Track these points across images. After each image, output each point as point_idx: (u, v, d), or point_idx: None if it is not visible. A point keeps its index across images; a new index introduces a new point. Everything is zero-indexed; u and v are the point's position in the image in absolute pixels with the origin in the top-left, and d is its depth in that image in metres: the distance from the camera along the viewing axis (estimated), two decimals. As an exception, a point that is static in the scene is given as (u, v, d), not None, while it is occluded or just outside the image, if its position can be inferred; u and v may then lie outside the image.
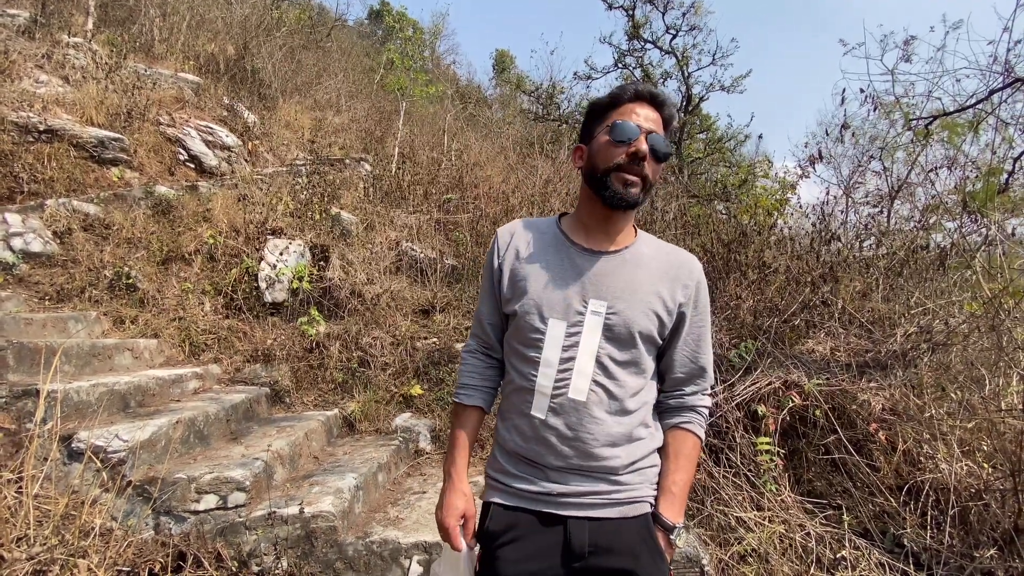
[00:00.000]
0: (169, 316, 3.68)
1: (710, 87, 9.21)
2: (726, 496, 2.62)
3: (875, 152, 6.37)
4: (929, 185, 4.42)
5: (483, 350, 1.21)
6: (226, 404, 2.82)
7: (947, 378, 2.92)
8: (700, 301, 1.11)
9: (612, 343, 1.03)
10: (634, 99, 1.05)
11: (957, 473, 2.47)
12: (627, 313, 1.03)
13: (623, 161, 1.01)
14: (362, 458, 2.74)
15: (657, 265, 1.08)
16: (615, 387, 1.03)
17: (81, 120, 4.68)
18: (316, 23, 10.90)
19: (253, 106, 7.34)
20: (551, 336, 1.03)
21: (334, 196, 5.36)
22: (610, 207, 1.04)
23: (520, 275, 1.09)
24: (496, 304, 1.15)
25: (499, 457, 1.12)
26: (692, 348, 1.11)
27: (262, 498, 2.20)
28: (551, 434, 1.02)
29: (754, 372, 3.06)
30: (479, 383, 1.18)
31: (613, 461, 1.03)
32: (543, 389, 1.03)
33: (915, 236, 4.07)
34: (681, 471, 1.10)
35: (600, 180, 1.03)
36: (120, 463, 2.09)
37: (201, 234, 4.25)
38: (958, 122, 4.14)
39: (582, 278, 1.05)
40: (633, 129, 1.00)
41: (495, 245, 1.15)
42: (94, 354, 2.86)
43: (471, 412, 1.17)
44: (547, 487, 1.03)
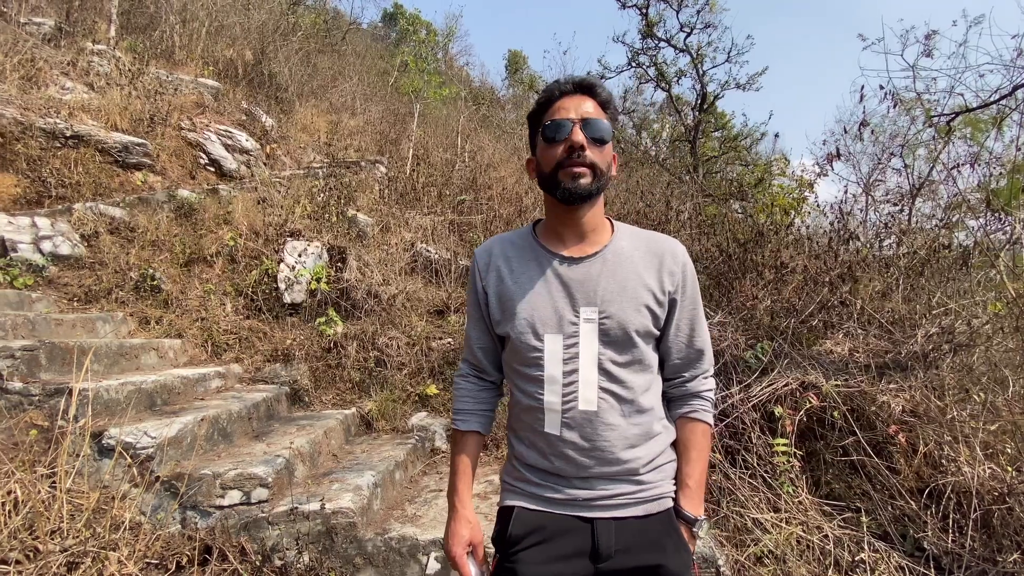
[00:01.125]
0: (192, 317, 3.77)
1: (725, 85, 9.14)
2: (742, 497, 2.61)
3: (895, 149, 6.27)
4: (951, 183, 4.34)
5: (475, 373, 1.20)
6: (248, 403, 2.88)
7: (970, 380, 2.87)
8: (688, 284, 1.10)
9: (611, 347, 1.02)
10: (562, 95, 1.04)
11: (980, 476, 2.43)
12: (620, 314, 1.02)
13: (563, 157, 1.00)
14: (380, 456, 2.79)
15: (640, 257, 1.08)
16: (623, 390, 1.03)
17: (106, 126, 4.81)
18: (331, 27, 11.04)
19: (270, 110, 7.47)
20: (550, 352, 1.03)
21: (350, 198, 5.44)
22: (567, 203, 1.03)
23: (507, 296, 1.08)
24: (485, 328, 1.15)
25: (518, 468, 1.11)
26: (687, 332, 1.10)
27: (284, 494, 2.25)
28: (569, 448, 1.02)
29: (771, 373, 3.04)
30: (474, 407, 1.17)
31: (634, 462, 1.03)
32: (553, 406, 1.03)
33: (937, 235, 4.01)
34: (695, 463, 1.10)
35: (551, 182, 1.03)
36: (148, 459, 2.16)
37: (222, 236, 4.34)
38: (981, 118, 4.06)
39: (569, 288, 1.04)
40: (564, 124, 1.00)
41: (475, 268, 1.14)
42: (122, 354, 2.95)
43: (469, 437, 1.16)
44: (572, 494, 1.03)
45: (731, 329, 3.38)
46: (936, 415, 2.70)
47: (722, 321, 3.44)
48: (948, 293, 3.48)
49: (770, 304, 3.71)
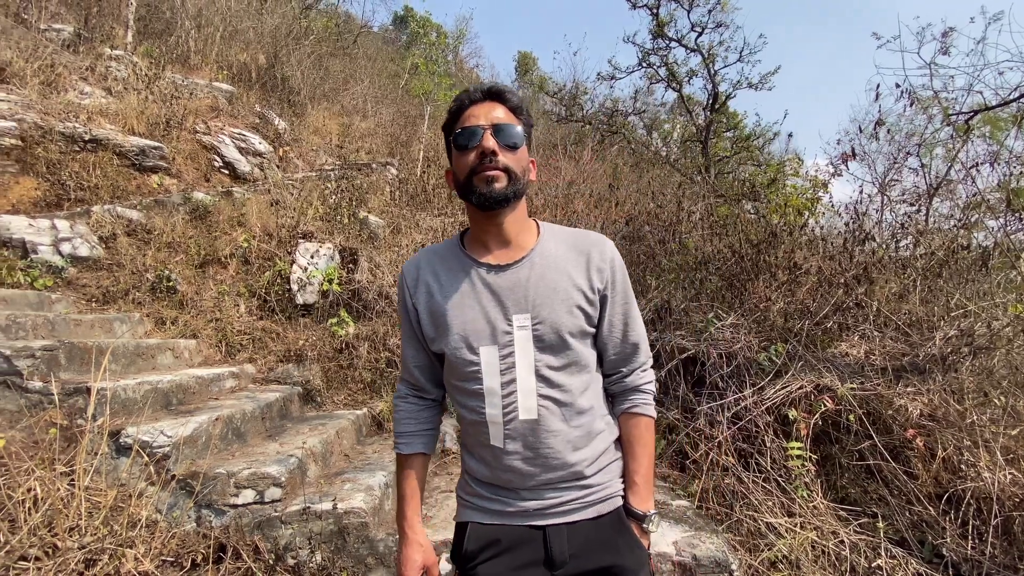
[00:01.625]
0: (207, 317, 3.81)
1: (737, 84, 9.06)
2: (755, 501, 2.58)
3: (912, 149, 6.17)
4: (970, 182, 4.26)
5: (414, 393, 1.19)
6: (261, 403, 2.91)
7: (990, 383, 2.82)
8: (618, 280, 1.09)
9: (547, 352, 1.02)
10: (471, 103, 1.04)
11: (1000, 482, 2.38)
12: (552, 318, 1.01)
13: (476, 163, 1.00)
14: (391, 457, 2.80)
15: (567, 257, 1.07)
16: (562, 394, 1.02)
17: (123, 129, 4.89)
18: (343, 30, 11.14)
19: (283, 113, 7.55)
20: (487, 364, 1.02)
21: (361, 200, 5.48)
22: (484, 209, 1.02)
23: (438, 311, 1.06)
24: (419, 345, 1.13)
25: (470, 482, 1.11)
26: (621, 327, 1.10)
27: (296, 494, 2.27)
28: (514, 459, 1.02)
29: (784, 375, 3.01)
30: (415, 428, 1.16)
31: (579, 465, 1.03)
32: (494, 419, 1.02)
33: (956, 235, 3.94)
34: (641, 459, 1.10)
35: (467, 189, 1.03)
36: (164, 458, 2.19)
37: (236, 238, 4.39)
38: (1000, 117, 3.99)
39: (499, 296, 1.03)
40: (473, 131, 1.00)
41: (403, 284, 1.12)
42: (138, 354, 2.99)
43: (413, 460, 1.14)
44: (523, 506, 1.04)
45: (744, 331, 3.35)
46: (955, 419, 2.65)
47: (735, 323, 3.41)
48: (967, 295, 3.42)
49: (784, 306, 3.67)
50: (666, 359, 3.38)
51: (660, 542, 2.14)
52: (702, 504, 2.67)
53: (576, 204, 5.44)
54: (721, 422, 2.90)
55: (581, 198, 5.53)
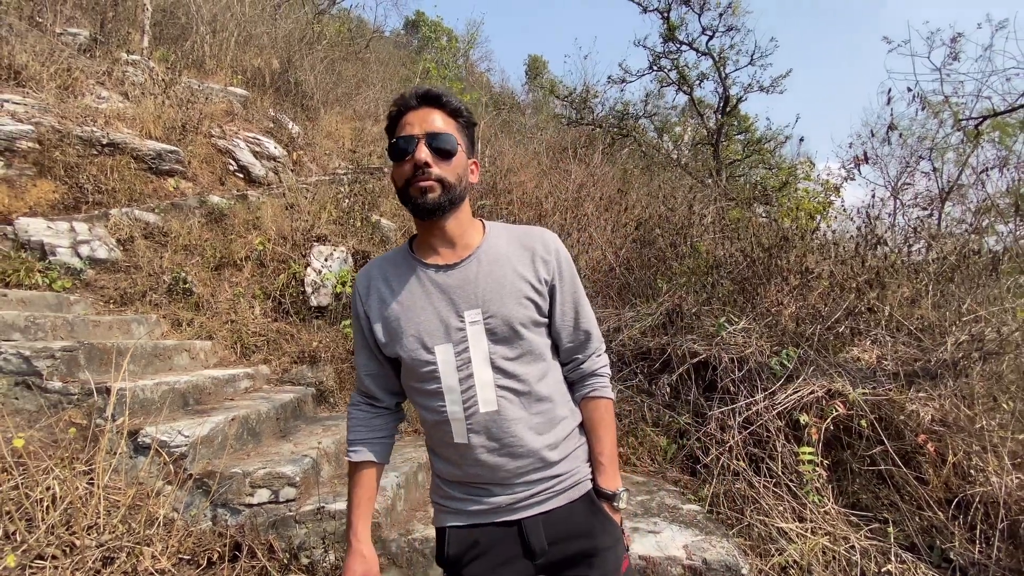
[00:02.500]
0: (222, 319, 3.88)
1: (748, 88, 9.03)
2: (766, 506, 2.58)
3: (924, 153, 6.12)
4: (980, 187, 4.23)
5: (366, 401, 1.19)
6: (276, 403, 2.96)
7: (999, 388, 2.80)
8: (564, 270, 1.11)
9: (500, 344, 1.04)
10: (405, 110, 1.05)
11: (1008, 486, 2.37)
12: (503, 311, 1.03)
13: (410, 174, 1.01)
14: (402, 457, 2.83)
15: (513, 252, 1.09)
16: (518, 383, 1.04)
17: (140, 134, 4.99)
18: (355, 35, 11.25)
19: (297, 117, 7.64)
20: (443, 362, 1.03)
21: (374, 204, 5.53)
22: (421, 217, 1.05)
23: (391, 316, 1.08)
24: (371, 354, 1.14)
25: (442, 485, 1.12)
26: (572, 316, 1.13)
27: (311, 494, 2.30)
28: (480, 452, 1.03)
29: (796, 380, 3.00)
30: (366, 436, 1.15)
31: (544, 451, 1.05)
32: (456, 415, 1.03)
33: (967, 240, 3.91)
34: (604, 440, 1.14)
35: (403, 196, 1.05)
36: (182, 457, 2.24)
37: (251, 241, 4.46)
38: (1009, 122, 3.96)
39: (449, 294, 1.05)
40: (408, 141, 1.01)
41: (356, 293, 1.14)
42: (156, 354, 3.05)
43: (363, 468, 1.13)
44: (494, 502, 1.05)
45: (755, 336, 3.35)
46: (966, 424, 2.63)
47: (746, 327, 3.41)
48: (978, 300, 3.39)
49: (795, 310, 3.66)
50: (677, 363, 3.39)
51: (670, 546, 2.15)
52: (713, 508, 2.68)
53: (586, 207, 5.45)
54: (732, 427, 2.90)
55: (591, 201, 5.55)
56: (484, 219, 1.15)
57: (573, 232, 5.11)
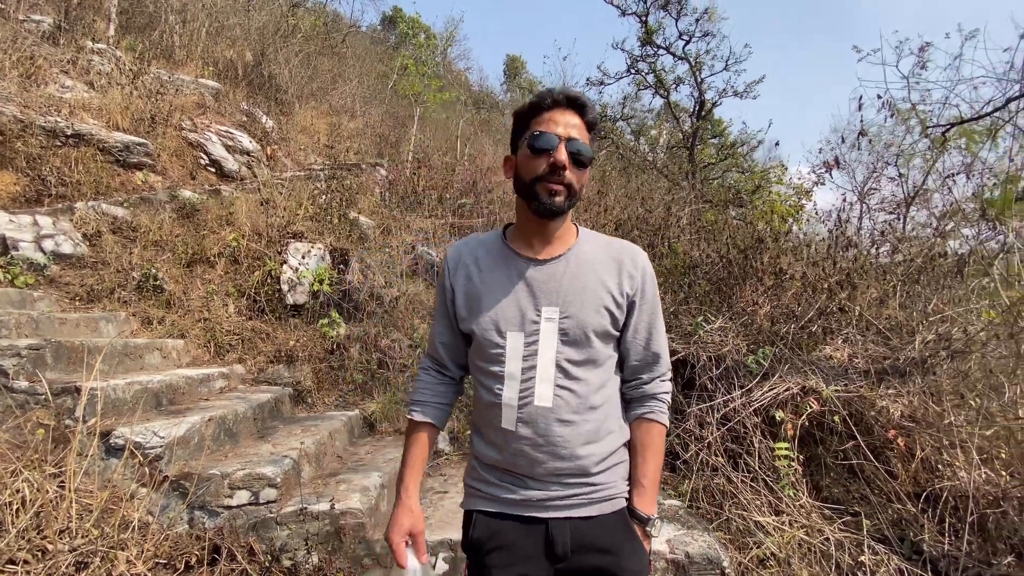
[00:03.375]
0: (195, 317, 3.76)
1: (723, 93, 9.23)
2: (744, 500, 2.64)
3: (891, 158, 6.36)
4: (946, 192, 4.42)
5: (436, 367, 1.23)
6: (253, 403, 2.89)
7: (965, 386, 2.92)
8: (647, 289, 1.13)
9: (569, 346, 1.05)
10: (553, 105, 1.05)
11: (975, 481, 2.47)
12: (579, 315, 1.05)
13: (544, 172, 1.02)
14: (384, 458, 2.79)
15: (601, 261, 1.11)
16: (579, 387, 1.06)
17: (107, 125, 4.80)
18: (331, 29, 11.05)
19: (271, 111, 7.47)
20: (511, 348, 1.06)
21: (351, 201, 5.45)
22: (540, 216, 1.06)
23: (474, 294, 1.11)
24: (450, 324, 1.17)
25: (478, 468, 1.14)
26: (645, 335, 1.13)
27: (292, 495, 2.25)
28: (524, 444, 1.05)
29: (771, 378, 3.08)
30: (430, 399, 1.20)
31: (587, 459, 1.05)
32: (510, 402, 1.05)
33: (933, 243, 4.07)
34: (650, 463, 1.13)
35: (528, 191, 1.06)
36: (157, 459, 2.16)
37: (224, 237, 4.34)
38: (975, 129, 4.15)
39: (532, 288, 1.08)
40: (551, 139, 1.02)
41: (445, 266, 1.17)
42: (126, 353, 2.94)
43: (422, 428, 1.18)
44: (527, 494, 1.06)
45: (732, 334, 3.42)
46: (934, 420, 2.74)
47: (723, 326, 3.48)
48: (944, 300, 3.55)
49: (770, 310, 3.76)
50: (656, 361, 3.43)
51: (655, 540, 2.17)
52: (693, 503, 2.73)
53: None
54: (710, 423, 2.96)
55: (571, 202, 5.57)
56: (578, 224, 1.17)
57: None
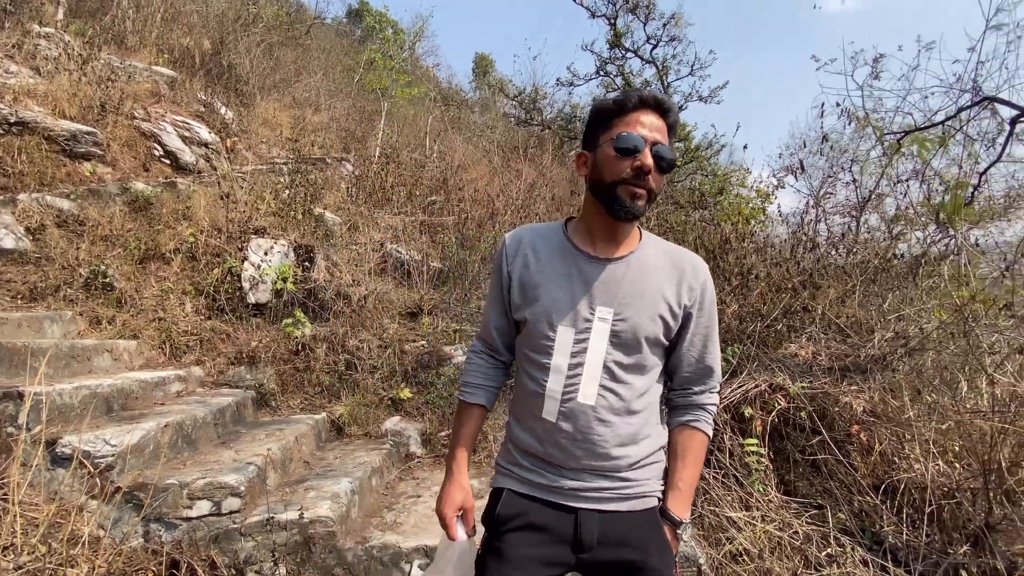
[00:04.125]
0: (148, 316, 3.55)
1: (688, 97, 9.44)
2: (716, 496, 2.68)
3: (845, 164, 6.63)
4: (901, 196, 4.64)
5: (488, 351, 1.24)
6: (213, 407, 2.74)
7: (921, 382, 3.06)
8: (706, 302, 1.12)
9: (619, 349, 1.05)
10: (639, 106, 1.04)
11: (931, 473, 2.58)
12: (634, 319, 1.04)
13: (628, 175, 1.01)
14: (354, 463, 2.70)
15: (662, 268, 1.10)
16: (623, 390, 1.05)
17: (53, 113, 4.49)
18: (294, 20, 10.71)
19: (230, 102, 7.16)
20: (560, 343, 1.05)
21: (317, 196, 5.28)
22: (616, 219, 1.05)
23: (530, 283, 1.10)
24: (503, 310, 1.17)
25: (512, 451, 1.14)
26: (699, 348, 1.13)
27: (257, 504, 2.15)
28: (562, 436, 1.05)
29: (740, 375, 3.15)
30: (483, 382, 1.21)
31: (622, 460, 1.06)
32: (553, 394, 1.05)
33: (888, 245, 4.26)
34: (689, 468, 1.13)
35: (607, 192, 1.04)
36: (108, 468, 2.01)
37: (181, 232, 4.12)
38: (927, 137, 4.36)
39: (590, 286, 1.07)
40: (639, 142, 1.00)
41: (504, 252, 1.16)
42: (73, 355, 2.74)
43: (474, 410, 1.20)
44: (560, 482, 1.06)
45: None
46: (893, 415, 2.85)
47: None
48: (898, 300, 3.71)
49: (737, 309, 3.84)
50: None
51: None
52: (667, 501, 2.74)
53: (537, 207, 5.47)
54: (683, 421, 2.99)
55: (543, 201, 5.58)
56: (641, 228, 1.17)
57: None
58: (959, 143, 4.15)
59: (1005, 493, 2.45)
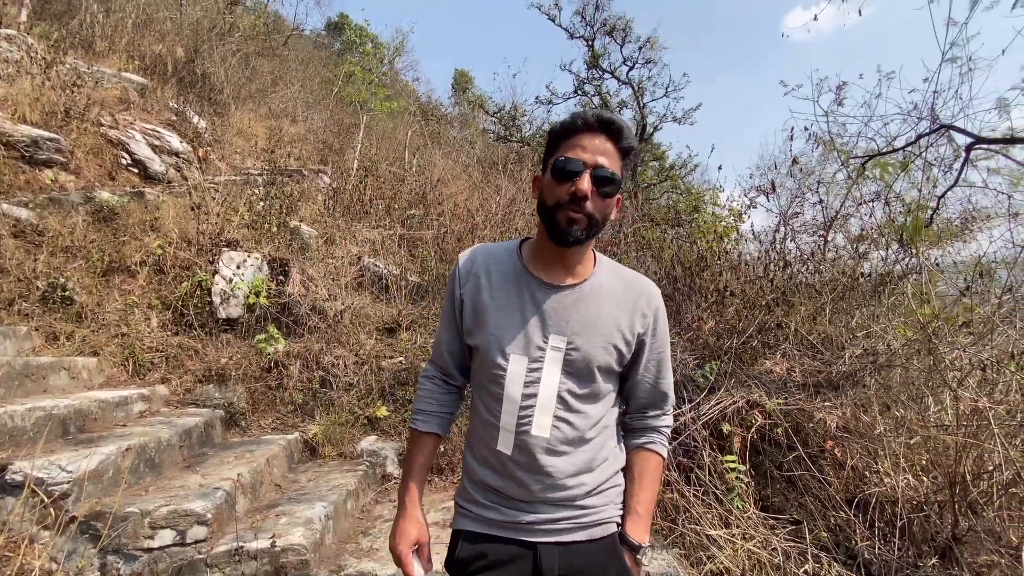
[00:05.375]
0: (110, 332, 3.39)
1: (663, 118, 9.68)
2: (696, 514, 2.68)
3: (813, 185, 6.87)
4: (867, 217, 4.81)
5: (441, 376, 1.20)
6: (179, 428, 2.62)
7: (889, 397, 3.14)
8: (659, 329, 1.12)
9: (572, 378, 1.03)
10: (583, 129, 1.00)
11: (901, 486, 2.63)
12: (586, 348, 1.03)
13: (565, 200, 0.98)
14: (328, 485, 2.61)
15: (616, 296, 1.08)
16: (577, 419, 1.04)
17: (13, 117, 4.31)
18: (272, 31, 10.61)
19: (204, 111, 7.01)
20: (512, 372, 1.03)
21: (292, 208, 5.18)
22: (556, 244, 1.03)
23: (481, 308, 1.08)
24: (456, 333, 1.15)
25: (468, 487, 1.12)
26: (653, 374, 1.13)
27: (224, 532, 2.04)
28: (517, 468, 1.03)
29: (718, 392, 3.17)
30: (436, 409, 1.18)
31: (578, 489, 1.04)
32: (507, 426, 1.03)
33: (855, 264, 4.40)
34: (645, 491, 1.11)
35: (546, 216, 1.03)
36: (63, 497, 1.89)
37: (148, 244, 3.97)
38: (888, 162, 4.55)
39: (542, 313, 1.05)
40: (576, 166, 0.97)
41: (456, 273, 1.14)
42: (27, 374, 2.59)
43: (427, 439, 1.17)
44: (516, 516, 1.04)
45: (679, 349, 3.50)
46: (865, 430, 2.91)
47: (671, 341, 3.57)
48: (864, 317, 3.82)
49: (714, 325, 3.89)
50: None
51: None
52: (648, 520, 2.73)
53: (517, 221, 5.48)
54: (663, 438, 3.00)
55: (522, 216, 5.59)
56: (595, 251, 1.14)
57: (504, 246, 5.11)
58: (919, 168, 4.35)
59: (969, 505, 2.52)
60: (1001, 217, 4.58)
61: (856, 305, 4.05)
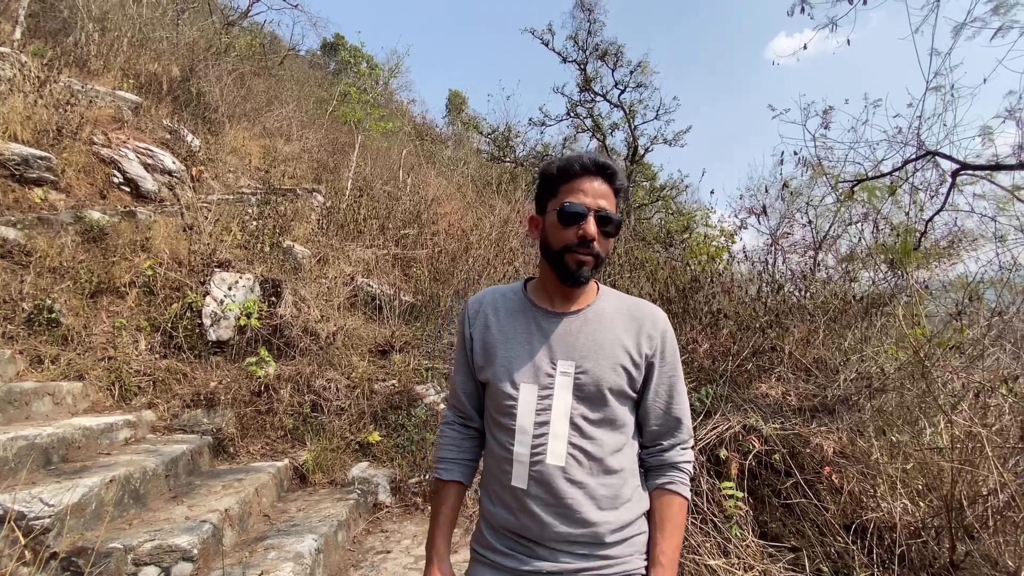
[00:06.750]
0: (97, 355, 3.33)
1: (654, 140, 9.82)
2: (695, 543, 2.64)
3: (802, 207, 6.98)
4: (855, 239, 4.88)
5: (460, 420, 1.20)
6: (165, 457, 2.55)
7: (884, 421, 3.14)
8: (667, 351, 1.10)
9: (584, 403, 1.02)
10: (581, 173, 1.04)
11: (897, 511, 2.62)
12: (595, 371, 1.03)
13: (573, 243, 1.02)
14: (319, 515, 2.54)
15: (620, 319, 1.09)
16: (593, 447, 1.01)
17: (3, 136, 4.27)
18: (268, 51, 10.69)
19: (198, 130, 7.00)
20: (523, 401, 1.03)
21: (285, 228, 5.15)
22: (567, 284, 1.06)
23: (490, 343, 1.10)
24: (469, 373, 1.16)
25: (485, 532, 1.08)
26: (665, 398, 1.10)
27: (211, 567, 1.98)
28: (535, 503, 1.00)
29: (714, 416, 3.16)
30: (457, 456, 1.17)
31: (602, 527, 1.00)
32: (521, 457, 1.01)
33: (845, 286, 4.44)
34: (669, 539, 1.07)
35: (554, 259, 1.06)
36: (44, 531, 1.82)
37: (138, 265, 3.92)
38: (876, 186, 4.64)
39: (548, 340, 1.06)
40: (581, 211, 1.01)
41: (465, 315, 1.17)
42: (9, 400, 2.52)
43: (450, 487, 1.15)
44: (537, 565, 1.00)
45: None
46: (861, 455, 2.90)
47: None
48: (856, 338, 3.84)
49: (709, 348, 3.89)
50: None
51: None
52: (646, 550, 2.68)
53: (511, 241, 5.49)
54: (660, 464, 2.96)
55: (516, 236, 5.60)
56: (598, 283, 1.17)
57: (499, 266, 5.11)
58: (906, 192, 4.43)
59: (966, 529, 2.51)
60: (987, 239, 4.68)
61: (847, 326, 4.07)
